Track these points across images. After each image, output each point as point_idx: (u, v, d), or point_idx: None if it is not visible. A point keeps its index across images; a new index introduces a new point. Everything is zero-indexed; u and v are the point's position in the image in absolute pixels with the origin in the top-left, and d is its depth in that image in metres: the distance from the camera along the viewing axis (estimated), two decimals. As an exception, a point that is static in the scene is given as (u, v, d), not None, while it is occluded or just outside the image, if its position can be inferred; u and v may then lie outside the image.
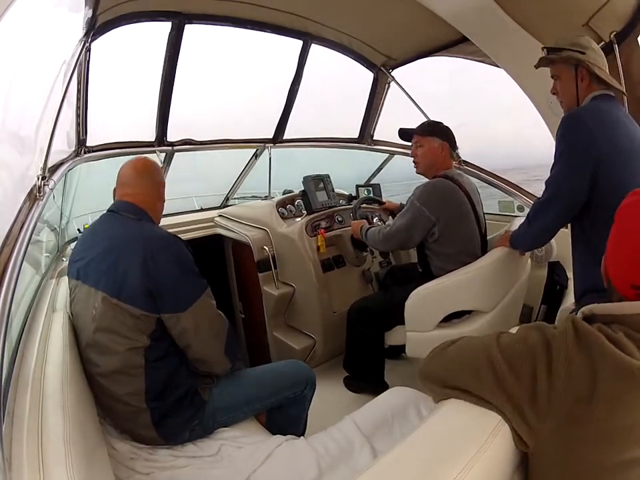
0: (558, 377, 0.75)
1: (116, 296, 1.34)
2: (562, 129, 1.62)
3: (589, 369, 0.73)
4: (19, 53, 1.32)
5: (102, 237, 1.49)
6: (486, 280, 2.04)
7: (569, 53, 1.67)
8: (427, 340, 2.12)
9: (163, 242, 1.45)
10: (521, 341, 0.83)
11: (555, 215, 1.70)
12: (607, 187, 1.54)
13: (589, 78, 1.66)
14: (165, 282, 1.38)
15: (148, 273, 1.35)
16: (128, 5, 2.14)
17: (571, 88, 1.70)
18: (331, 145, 3.88)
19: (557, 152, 1.65)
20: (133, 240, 1.42)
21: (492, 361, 0.83)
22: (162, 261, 1.39)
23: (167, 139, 2.76)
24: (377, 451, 1.37)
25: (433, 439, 0.82)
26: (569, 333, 0.78)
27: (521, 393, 0.78)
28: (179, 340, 1.43)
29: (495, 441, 0.78)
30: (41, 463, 0.81)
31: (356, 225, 2.51)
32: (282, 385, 1.65)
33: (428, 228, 2.10)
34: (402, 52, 3.15)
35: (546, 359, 0.77)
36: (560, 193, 1.64)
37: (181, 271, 1.43)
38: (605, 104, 1.63)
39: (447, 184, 2.12)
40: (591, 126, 1.55)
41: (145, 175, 1.62)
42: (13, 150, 1.36)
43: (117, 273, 1.36)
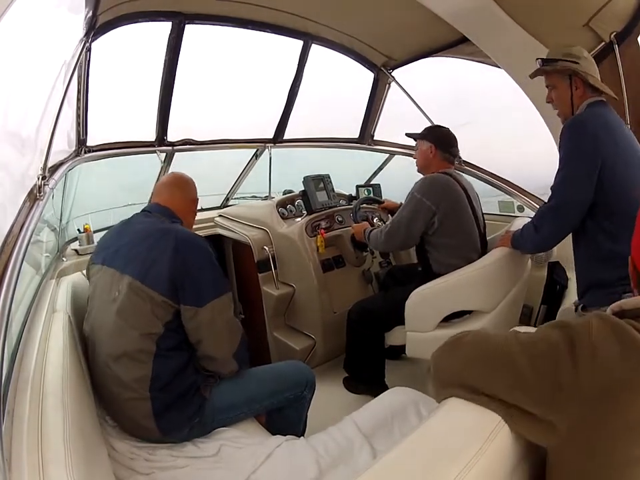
0: (584, 369, 0.73)
1: (141, 280, 1.40)
2: (566, 135, 1.67)
3: (617, 359, 0.71)
4: (19, 53, 1.32)
5: (134, 228, 1.57)
6: (486, 280, 2.04)
7: (564, 63, 1.74)
8: (427, 340, 2.12)
9: (193, 238, 1.55)
10: (542, 338, 0.81)
11: (565, 222, 1.73)
12: (611, 186, 1.59)
13: (583, 86, 1.74)
14: (190, 274, 1.44)
15: (176, 263, 1.42)
16: (128, 5, 2.14)
17: (566, 96, 1.78)
18: (331, 145, 3.88)
19: (562, 158, 1.69)
20: (166, 232, 1.50)
21: (511, 356, 0.82)
22: (191, 253, 1.46)
23: (167, 139, 2.76)
24: (376, 451, 1.38)
25: (433, 439, 0.82)
26: (593, 324, 0.76)
27: (542, 387, 0.77)
28: (193, 334, 1.46)
29: (496, 440, 0.77)
30: (41, 463, 0.81)
31: (358, 227, 2.52)
32: (282, 386, 1.65)
33: (429, 218, 2.12)
34: (402, 52, 3.15)
35: (570, 354, 0.75)
36: (568, 199, 1.68)
37: (208, 267, 1.50)
38: (600, 109, 1.70)
39: (445, 177, 2.17)
40: (594, 130, 1.61)
41: (182, 187, 1.77)
42: (14, 150, 1.36)
43: (145, 259, 1.43)
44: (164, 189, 1.74)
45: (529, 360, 0.79)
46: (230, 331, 1.53)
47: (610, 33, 2.01)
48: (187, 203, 1.77)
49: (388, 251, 2.85)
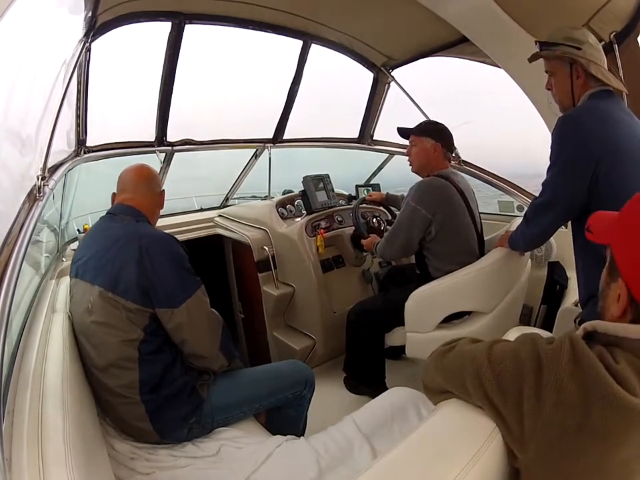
0: (545, 404, 0.71)
1: (111, 290, 1.39)
2: (559, 129, 1.54)
3: (580, 399, 0.68)
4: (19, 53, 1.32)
5: (100, 236, 1.54)
6: (486, 281, 2.04)
7: (564, 48, 1.59)
8: (426, 341, 2.12)
9: (158, 240, 1.49)
10: (512, 356, 0.79)
11: (553, 219, 1.66)
12: (607, 188, 1.47)
13: (585, 75, 1.58)
14: (159, 278, 1.41)
15: (143, 269, 1.39)
16: (128, 5, 2.14)
17: (566, 85, 1.63)
18: (330, 145, 3.87)
19: (553, 153, 1.57)
20: (130, 237, 1.46)
21: (481, 377, 0.81)
22: (157, 257, 1.43)
23: (166, 139, 2.76)
24: (376, 451, 1.38)
25: (433, 439, 0.82)
26: (564, 355, 0.72)
27: (507, 412, 0.76)
28: (174, 335, 1.46)
29: (495, 441, 0.78)
30: (41, 463, 0.81)
31: (369, 243, 2.50)
32: (281, 385, 1.65)
33: (425, 226, 2.10)
34: (402, 52, 3.15)
35: (534, 382, 0.72)
36: (557, 197, 1.59)
37: (175, 268, 1.47)
38: (603, 102, 1.55)
39: (440, 182, 2.13)
40: (589, 127, 1.47)
41: (145, 181, 1.69)
42: (13, 150, 1.36)
43: (113, 267, 1.40)
44: (127, 185, 1.68)
45: (497, 381, 0.78)
46: (210, 326, 1.53)
47: (610, 32, 2.00)
48: (153, 197, 1.71)
49: (393, 259, 2.84)
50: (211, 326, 1.53)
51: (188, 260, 1.52)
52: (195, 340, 1.47)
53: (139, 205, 1.63)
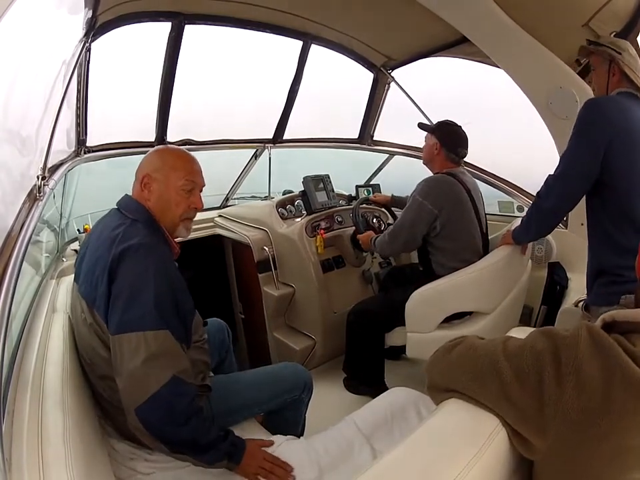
0: (566, 387, 0.71)
1: (91, 304, 1.26)
2: (582, 109, 1.70)
3: (600, 381, 0.69)
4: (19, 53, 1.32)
5: (97, 234, 1.37)
6: (486, 281, 2.04)
7: (606, 49, 1.77)
8: (427, 341, 2.13)
9: (133, 250, 1.23)
10: (529, 348, 0.79)
11: (567, 191, 1.75)
12: (619, 174, 1.63)
13: (620, 75, 1.75)
14: (115, 293, 1.20)
15: (111, 280, 1.21)
16: (128, 5, 2.14)
17: (603, 80, 1.80)
18: (330, 145, 3.88)
19: (573, 130, 1.72)
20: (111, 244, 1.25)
21: (497, 369, 0.81)
22: (122, 269, 1.21)
23: (166, 139, 2.76)
24: (376, 451, 1.37)
25: (433, 439, 0.82)
26: (582, 341, 0.73)
27: (526, 402, 0.76)
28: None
29: (495, 441, 0.78)
30: (41, 463, 0.81)
31: (365, 238, 2.51)
32: (279, 389, 1.63)
33: (430, 221, 2.11)
34: (402, 52, 3.15)
35: (554, 368, 0.73)
36: (571, 167, 1.72)
37: (136, 290, 1.20)
38: (628, 101, 1.71)
39: (448, 179, 2.15)
40: (609, 113, 1.64)
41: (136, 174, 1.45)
42: (13, 150, 1.36)
43: (93, 277, 1.25)
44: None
45: (514, 372, 0.78)
46: (135, 383, 1.16)
47: (610, 32, 2.01)
48: (137, 185, 1.41)
49: (393, 254, 2.84)
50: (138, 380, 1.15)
51: (164, 291, 1.23)
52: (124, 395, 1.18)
53: (135, 195, 1.42)
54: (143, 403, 1.13)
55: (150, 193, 1.39)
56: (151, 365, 1.15)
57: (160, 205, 1.40)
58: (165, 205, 1.40)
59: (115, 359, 1.18)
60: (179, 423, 1.16)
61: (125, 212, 1.38)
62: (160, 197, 1.39)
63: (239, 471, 1.29)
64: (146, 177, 1.38)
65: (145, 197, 1.39)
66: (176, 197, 1.40)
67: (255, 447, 1.34)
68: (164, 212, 1.40)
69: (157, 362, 1.16)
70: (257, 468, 1.28)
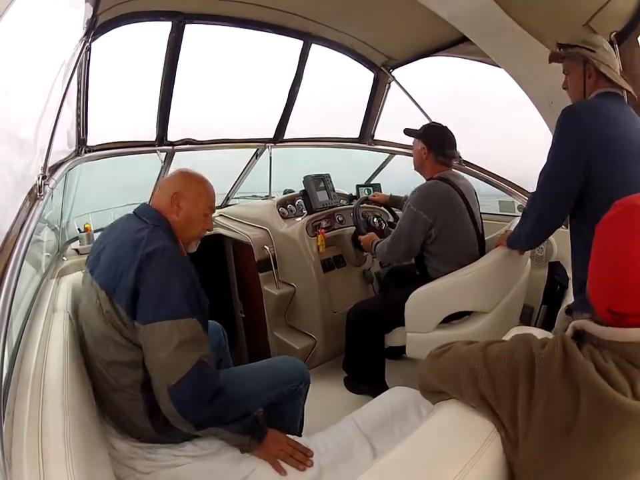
0: (537, 406, 0.72)
1: (110, 295, 1.33)
2: (559, 120, 1.65)
3: (571, 400, 0.70)
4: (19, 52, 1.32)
5: (117, 234, 1.49)
6: (486, 280, 2.04)
7: (579, 49, 1.71)
8: (427, 341, 2.12)
9: (160, 251, 1.35)
10: (507, 355, 0.80)
11: (547, 202, 1.70)
12: (599, 183, 1.57)
13: (596, 75, 1.68)
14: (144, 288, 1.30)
15: (138, 279, 1.30)
16: (128, 5, 2.14)
17: (579, 83, 1.73)
18: (331, 145, 3.87)
19: (552, 141, 1.68)
20: (137, 244, 1.36)
21: (475, 377, 0.82)
22: (155, 269, 1.32)
23: (167, 139, 2.76)
24: (376, 450, 1.38)
25: (433, 439, 0.82)
26: (556, 357, 0.74)
27: (501, 412, 0.77)
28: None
29: (495, 441, 0.78)
30: (41, 463, 0.81)
31: (366, 240, 2.51)
32: (278, 381, 1.65)
33: (426, 230, 2.11)
34: (402, 52, 3.15)
35: (527, 384, 0.74)
36: (552, 178, 1.67)
37: (163, 285, 1.32)
38: (608, 101, 1.65)
39: (441, 186, 2.14)
40: (586, 120, 1.58)
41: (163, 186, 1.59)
42: (14, 149, 1.36)
43: (115, 272, 1.34)
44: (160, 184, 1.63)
45: (491, 382, 0.80)
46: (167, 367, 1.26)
47: (610, 32, 2.01)
48: (167, 199, 1.53)
49: (393, 262, 2.84)
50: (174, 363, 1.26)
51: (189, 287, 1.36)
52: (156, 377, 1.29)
53: (158, 207, 1.52)
54: (175, 384, 1.24)
55: (179, 208, 1.53)
56: (182, 349, 1.26)
57: (185, 221, 1.54)
58: (188, 223, 1.55)
59: (147, 347, 1.29)
60: (205, 401, 1.28)
61: (144, 218, 1.49)
62: (187, 214, 1.54)
63: (260, 452, 1.36)
64: (177, 194, 1.53)
65: (174, 211, 1.53)
66: (198, 218, 1.57)
67: (278, 433, 1.44)
68: (185, 228, 1.55)
69: (187, 347, 1.27)
70: (277, 451, 1.36)
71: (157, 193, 1.58)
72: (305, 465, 1.32)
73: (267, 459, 1.34)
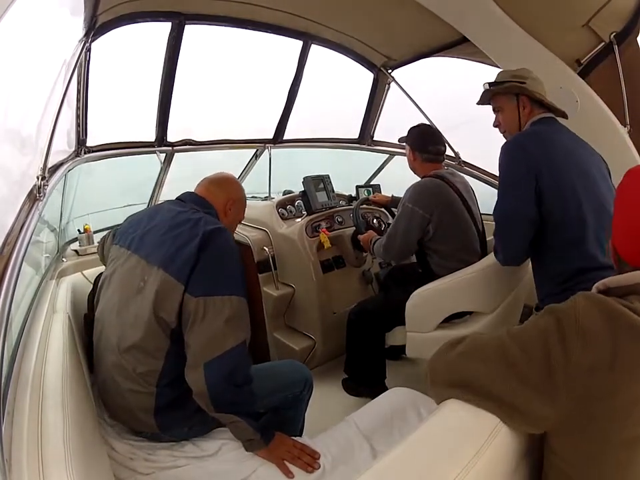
0: (573, 349, 0.72)
1: (165, 269, 1.33)
2: (503, 154, 1.69)
3: (606, 336, 0.71)
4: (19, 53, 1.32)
5: (165, 216, 1.49)
6: (487, 281, 2.04)
7: (510, 84, 1.78)
8: (427, 341, 2.13)
9: (223, 232, 1.40)
10: (532, 326, 0.82)
11: (511, 238, 1.72)
12: (553, 203, 1.59)
13: (530, 105, 1.77)
14: (203, 265, 1.33)
15: (198, 257, 1.33)
16: (128, 5, 2.14)
17: (514, 116, 1.80)
18: (330, 146, 3.88)
19: (500, 176, 1.71)
20: (195, 224, 1.40)
21: (503, 347, 0.83)
22: (213, 248, 1.36)
23: (166, 139, 2.76)
24: (376, 451, 1.38)
25: (433, 439, 0.82)
26: (578, 305, 0.75)
27: (534, 374, 0.77)
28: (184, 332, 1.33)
29: (495, 441, 0.78)
30: (41, 464, 0.81)
31: (365, 238, 2.51)
32: (280, 385, 1.63)
33: (423, 226, 2.11)
34: (402, 53, 3.16)
35: (558, 335, 0.75)
36: (508, 215, 1.68)
37: (221, 264, 1.37)
38: (543, 126, 1.74)
39: (435, 182, 2.15)
40: (530, 148, 1.63)
41: (220, 184, 1.66)
42: (13, 150, 1.36)
43: (171, 247, 1.36)
44: (203, 182, 1.66)
45: (520, 348, 0.80)
46: (213, 339, 1.27)
47: (610, 33, 2.01)
48: (222, 200, 1.61)
49: (390, 261, 2.84)
50: (214, 339, 1.27)
51: (239, 267, 1.42)
52: (196, 350, 1.29)
53: (209, 198, 1.59)
54: (216, 357, 1.25)
55: (230, 212, 1.64)
56: (232, 325, 1.29)
57: (229, 225, 1.62)
58: (230, 227, 1.63)
59: (195, 319, 1.29)
60: (236, 383, 1.28)
61: (194, 206, 1.54)
62: (233, 220, 1.69)
63: (266, 453, 1.35)
64: (234, 201, 1.65)
65: (225, 212, 1.63)
66: (234, 226, 1.74)
67: (284, 436, 1.42)
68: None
69: (236, 323, 1.30)
70: (284, 452, 1.35)
71: (211, 187, 1.64)
72: (312, 467, 1.31)
73: (273, 461, 1.33)
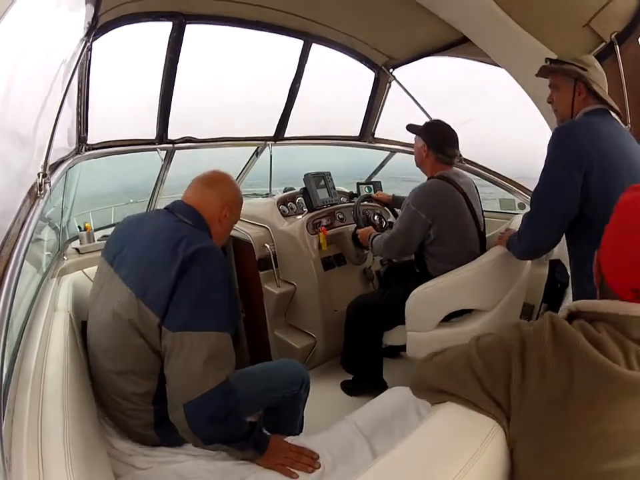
0: (531, 378, 0.73)
1: (141, 296, 1.25)
2: (554, 140, 1.64)
3: (564, 370, 0.70)
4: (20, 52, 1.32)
5: (148, 229, 1.40)
6: (486, 278, 2.04)
7: (571, 66, 1.72)
8: (427, 339, 2.13)
9: (205, 253, 1.28)
10: (497, 340, 0.82)
11: (545, 231, 1.70)
12: (599, 199, 1.55)
13: (587, 93, 1.70)
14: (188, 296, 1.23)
15: (177, 284, 1.22)
16: (129, 6, 2.14)
17: (568, 99, 1.75)
18: (332, 143, 3.88)
19: (546, 162, 1.66)
20: (176, 244, 1.27)
21: (470, 363, 0.83)
22: (195, 271, 1.24)
23: (167, 137, 2.76)
24: (376, 451, 1.38)
25: (432, 439, 0.83)
26: (545, 332, 0.75)
27: (498, 392, 0.78)
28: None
29: (493, 441, 0.78)
30: (41, 463, 0.81)
31: (364, 233, 2.51)
32: (278, 384, 1.63)
33: (425, 230, 2.11)
34: (403, 52, 3.15)
35: (520, 359, 0.75)
36: (548, 206, 1.66)
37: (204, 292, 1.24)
38: (597, 118, 1.67)
39: (441, 185, 2.13)
40: (582, 140, 1.58)
41: (214, 185, 1.54)
42: (14, 148, 1.36)
43: (148, 271, 1.28)
44: (195, 184, 1.53)
45: (486, 366, 0.81)
46: (191, 379, 1.18)
47: (610, 33, 2.01)
48: (216, 207, 1.49)
49: (389, 259, 2.85)
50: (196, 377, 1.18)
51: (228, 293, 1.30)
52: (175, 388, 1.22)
53: (202, 208, 1.46)
54: (195, 399, 1.17)
55: (225, 218, 1.52)
56: (211, 364, 1.19)
57: (224, 230, 1.56)
58: (225, 232, 1.59)
59: (171, 355, 1.21)
60: (220, 419, 1.21)
61: (183, 218, 1.43)
62: (229, 226, 1.59)
63: (264, 461, 1.33)
64: (231, 205, 1.54)
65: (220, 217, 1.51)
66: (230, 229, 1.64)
67: (279, 440, 1.40)
68: (221, 237, 1.56)
69: (216, 362, 1.20)
70: (282, 458, 1.33)
71: (203, 190, 1.52)
72: (312, 467, 1.31)
73: (272, 468, 1.31)
